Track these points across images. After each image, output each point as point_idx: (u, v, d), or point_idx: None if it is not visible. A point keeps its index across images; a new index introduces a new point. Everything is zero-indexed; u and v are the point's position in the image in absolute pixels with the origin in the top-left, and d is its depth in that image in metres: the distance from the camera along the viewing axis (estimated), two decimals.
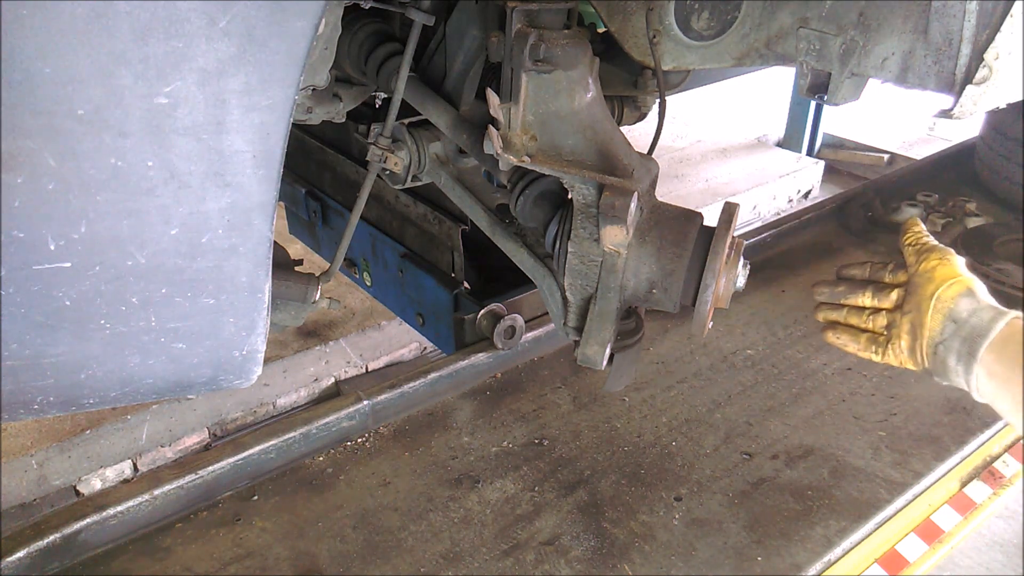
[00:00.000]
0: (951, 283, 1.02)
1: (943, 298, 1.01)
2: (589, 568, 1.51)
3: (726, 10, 1.33)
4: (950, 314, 1.00)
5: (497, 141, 1.20)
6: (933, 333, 1.02)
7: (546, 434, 1.84)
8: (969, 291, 1.01)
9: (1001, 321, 0.96)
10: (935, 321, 1.02)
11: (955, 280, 1.02)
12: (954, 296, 1.01)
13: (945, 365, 1.01)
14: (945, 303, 1.01)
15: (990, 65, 1.09)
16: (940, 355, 1.01)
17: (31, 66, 0.71)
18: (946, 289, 1.02)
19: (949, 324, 1.00)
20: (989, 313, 0.98)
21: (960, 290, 1.01)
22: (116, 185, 0.81)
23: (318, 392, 3.12)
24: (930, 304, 1.02)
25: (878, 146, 5.19)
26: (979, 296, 1.01)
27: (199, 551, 1.53)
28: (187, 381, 1.04)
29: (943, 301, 1.01)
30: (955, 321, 0.99)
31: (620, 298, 1.24)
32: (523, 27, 1.16)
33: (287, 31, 0.81)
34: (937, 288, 1.02)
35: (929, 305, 1.02)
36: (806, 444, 1.81)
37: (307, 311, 1.34)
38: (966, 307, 1.00)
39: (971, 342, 0.97)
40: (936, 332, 1.01)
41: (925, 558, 1.60)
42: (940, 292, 1.02)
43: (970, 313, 0.99)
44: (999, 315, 0.97)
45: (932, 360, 1.03)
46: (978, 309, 0.99)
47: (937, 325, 1.01)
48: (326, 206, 2.40)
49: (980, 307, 0.99)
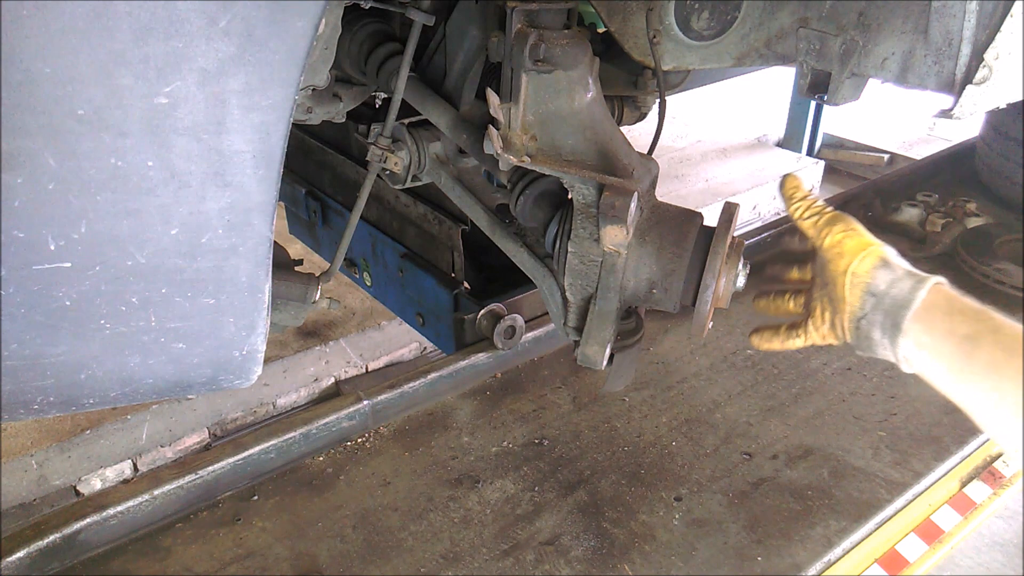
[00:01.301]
0: (863, 256, 0.99)
1: (859, 272, 0.99)
2: (589, 568, 1.51)
3: (726, 10, 1.33)
4: (868, 288, 0.98)
5: (497, 141, 1.20)
6: (854, 308, 0.99)
7: (546, 434, 1.84)
8: (884, 261, 0.98)
9: (922, 289, 0.94)
10: (854, 296, 0.99)
11: (867, 252, 0.99)
12: (869, 269, 0.98)
13: (870, 339, 0.99)
14: (862, 277, 0.98)
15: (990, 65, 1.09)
16: (863, 329, 0.99)
17: (31, 66, 0.71)
18: (860, 263, 0.99)
19: (869, 298, 0.97)
20: (908, 282, 0.96)
21: (875, 262, 0.98)
22: (116, 185, 0.81)
23: (318, 392, 3.12)
24: (846, 279, 0.99)
25: (878, 146, 5.19)
26: (894, 265, 0.98)
27: (199, 551, 1.53)
28: (187, 381, 1.04)
29: (859, 276, 0.98)
30: (874, 295, 0.97)
31: (620, 298, 1.24)
32: (523, 27, 1.16)
33: (287, 31, 0.81)
34: (850, 262, 0.99)
35: (845, 280, 0.99)
36: (806, 444, 1.81)
37: (307, 311, 1.34)
38: (884, 279, 0.97)
39: (894, 314, 0.95)
40: (856, 307, 0.99)
41: (925, 558, 1.60)
42: (854, 267, 0.99)
43: (889, 284, 0.96)
44: (919, 283, 0.95)
45: (855, 335, 1.01)
46: (896, 279, 0.96)
47: (856, 300, 0.99)
48: (326, 206, 2.40)
49: (898, 277, 0.96)
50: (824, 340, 1.09)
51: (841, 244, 1.00)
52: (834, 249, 1.01)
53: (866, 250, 0.99)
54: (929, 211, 2.75)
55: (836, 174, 5.09)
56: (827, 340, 1.08)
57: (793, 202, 1.06)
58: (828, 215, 1.02)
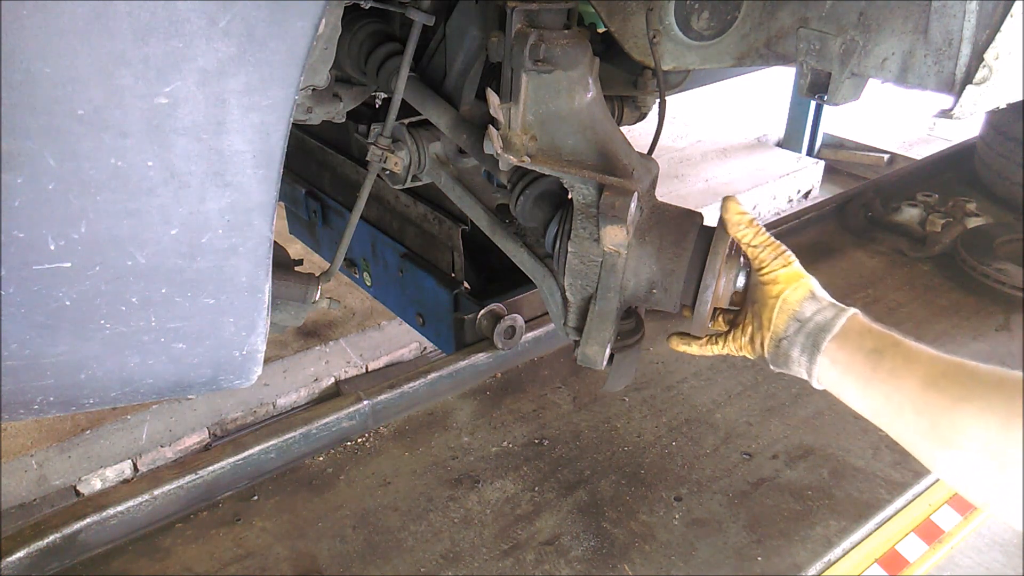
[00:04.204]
0: (796, 287, 1.10)
1: (789, 300, 1.10)
2: (589, 568, 1.51)
3: (726, 10, 1.33)
4: (795, 315, 1.09)
5: (497, 141, 1.20)
6: (777, 330, 1.11)
7: (546, 434, 1.84)
8: (812, 294, 1.10)
9: (843, 317, 1.06)
10: (780, 320, 1.10)
11: (799, 284, 1.11)
12: (799, 300, 1.10)
13: (788, 357, 1.10)
14: (791, 305, 1.10)
15: (990, 65, 1.09)
16: (783, 348, 1.10)
17: (31, 66, 0.71)
18: (792, 292, 1.10)
19: (793, 323, 1.09)
20: (832, 311, 1.08)
21: (804, 294, 1.10)
22: (116, 185, 0.81)
23: (318, 392, 3.12)
24: (776, 303, 1.10)
25: (878, 146, 5.19)
26: (820, 297, 1.10)
27: (199, 551, 1.53)
28: (187, 381, 1.04)
29: (788, 303, 1.10)
30: (799, 320, 1.09)
31: (620, 298, 1.24)
32: (523, 27, 1.16)
33: (287, 31, 0.81)
34: (783, 290, 1.10)
35: (775, 304, 1.11)
36: (806, 444, 1.81)
37: (307, 311, 1.34)
38: (810, 308, 1.09)
39: (815, 336, 1.06)
40: (780, 329, 1.10)
41: (925, 558, 1.60)
42: (786, 295, 1.10)
43: (814, 312, 1.08)
44: (840, 312, 1.07)
45: (773, 352, 1.12)
46: (821, 309, 1.08)
47: (782, 324, 1.10)
48: (326, 206, 2.39)
49: (823, 307, 1.08)
50: (739, 352, 1.20)
51: (777, 273, 1.11)
52: (770, 275, 1.12)
53: (798, 282, 1.11)
54: (929, 211, 2.75)
55: (836, 174, 5.09)
56: (742, 352, 1.20)
57: (740, 228, 1.15)
58: (772, 246, 1.13)
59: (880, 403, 1.00)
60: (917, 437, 0.95)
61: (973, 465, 0.88)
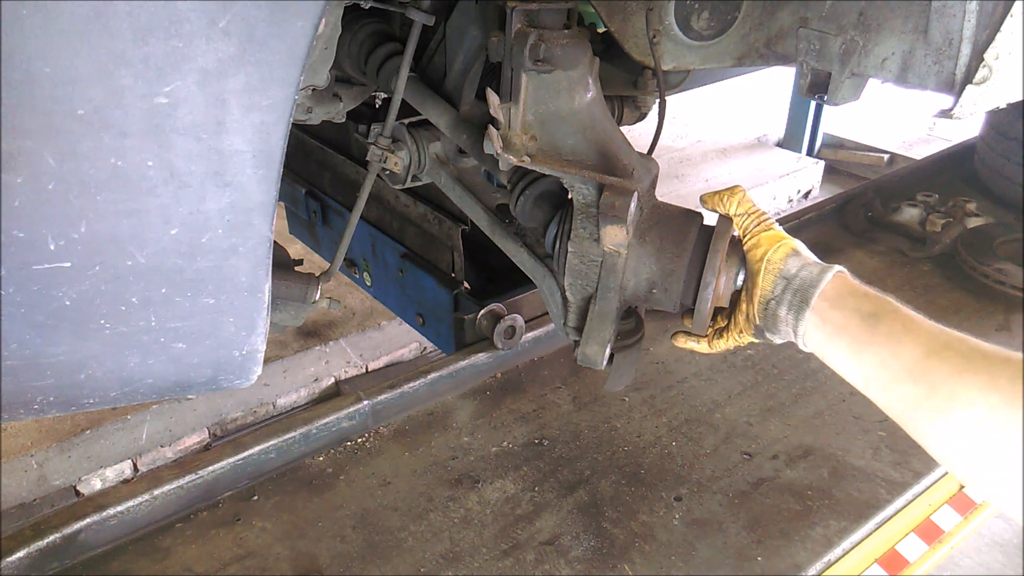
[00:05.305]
0: (778, 246, 1.09)
1: (773, 260, 1.08)
2: (589, 568, 1.51)
3: (726, 10, 1.33)
4: (780, 273, 1.07)
5: (497, 141, 1.20)
6: (765, 292, 1.09)
7: (546, 434, 1.84)
8: (795, 251, 1.09)
9: (829, 272, 1.04)
10: (766, 281, 1.09)
11: (781, 243, 1.09)
12: (783, 257, 1.08)
13: (775, 317, 1.08)
14: (775, 264, 1.08)
15: (990, 65, 1.09)
16: (771, 309, 1.08)
17: (31, 66, 0.71)
18: (774, 252, 1.09)
19: (780, 281, 1.07)
20: (817, 268, 1.06)
21: (787, 252, 1.09)
22: (116, 185, 0.81)
23: (318, 392, 3.12)
24: (761, 266, 1.09)
25: (878, 146, 5.19)
26: (804, 255, 1.08)
27: (199, 551, 1.53)
28: (187, 381, 1.04)
29: (773, 263, 1.08)
30: (785, 278, 1.07)
31: (620, 298, 1.24)
32: (523, 27, 1.16)
33: (287, 31, 0.81)
34: (766, 251, 1.09)
35: (760, 267, 1.09)
36: (806, 444, 1.81)
37: (307, 311, 1.34)
38: (794, 265, 1.07)
39: (803, 292, 1.04)
40: (768, 291, 1.08)
41: (925, 558, 1.60)
42: (769, 255, 1.09)
43: (799, 269, 1.06)
44: (825, 269, 1.05)
45: (763, 316, 1.10)
46: (806, 265, 1.07)
47: (768, 284, 1.09)
48: (326, 206, 2.39)
49: (807, 263, 1.07)
50: (740, 337, 1.18)
51: (759, 236, 1.11)
52: (752, 240, 1.12)
53: (780, 242, 1.10)
54: (929, 211, 2.75)
55: (836, 174, 5.09)
56: (742, 336, 1.17)
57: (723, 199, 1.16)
58: (755, 214, 1.13)
59: (874, 368, 0.96)
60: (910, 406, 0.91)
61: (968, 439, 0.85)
